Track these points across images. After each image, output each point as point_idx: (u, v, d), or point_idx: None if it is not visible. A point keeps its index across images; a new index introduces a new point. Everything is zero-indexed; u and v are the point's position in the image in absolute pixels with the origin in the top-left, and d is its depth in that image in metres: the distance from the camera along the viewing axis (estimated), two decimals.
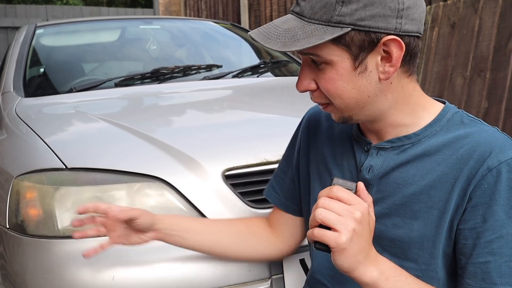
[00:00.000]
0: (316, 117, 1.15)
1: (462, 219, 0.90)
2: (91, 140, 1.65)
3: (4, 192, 1.47)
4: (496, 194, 0.86)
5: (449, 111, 0.97)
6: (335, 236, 0.81)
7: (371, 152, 0.99)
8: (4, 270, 1.45)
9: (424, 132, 0.95)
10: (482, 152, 0.89)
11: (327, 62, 0.89)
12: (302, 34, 0.87)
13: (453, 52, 3.26)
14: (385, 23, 0.86)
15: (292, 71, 2.79)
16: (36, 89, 2.37)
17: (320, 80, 0.92)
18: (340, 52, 0.88)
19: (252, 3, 5.90)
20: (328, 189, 0.85)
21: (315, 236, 0.82)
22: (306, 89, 0.94)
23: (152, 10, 8.77)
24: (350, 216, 0.82)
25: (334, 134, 1.09)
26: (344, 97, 0.92)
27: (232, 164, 1.44)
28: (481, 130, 0.93)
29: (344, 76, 0.90)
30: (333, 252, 0.83)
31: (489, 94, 2.99)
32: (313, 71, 0.93)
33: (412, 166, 0.95)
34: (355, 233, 0.82)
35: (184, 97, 2.19)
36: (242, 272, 1.32)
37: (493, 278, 0.87)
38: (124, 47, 2.97)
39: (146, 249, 1.32)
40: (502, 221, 0.86)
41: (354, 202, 0.84)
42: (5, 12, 7.64)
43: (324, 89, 0.92)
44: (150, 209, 1.37)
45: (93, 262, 1.29)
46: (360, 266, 0.84)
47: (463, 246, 0.91)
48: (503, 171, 0.86)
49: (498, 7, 3.01)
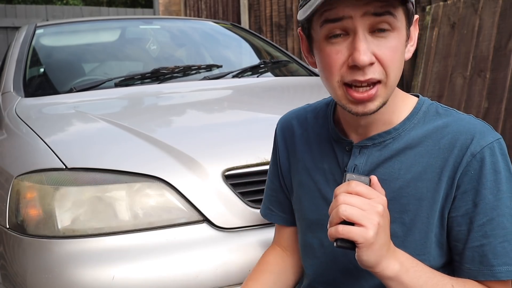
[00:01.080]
0: (288, 125, 1.13)
1: (453, 207, 0.91)
2: (91, 140, 1.65)
3: (4, 192, 1.47)
4: (483, 178, 0.89)
5: (424, 103, 0.98)
6: (362, 231, 0.80)
7: (354, 151, 0.99)
8: (4, 270, 1.45)
9: (403, 126, 0.96)
10: (464, 139, 0.90)
11: (394, 27, 0.86)
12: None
13: (453, 52, 3.26)
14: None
15: (292, 71, 2.79)
16: (36, 89, 2.37)
17: (383, 50, 0.86)
18: (403, 19, 0.89)
19: (252, 3, 5.90)
20: (346, 184, 0.84)
21: (340, 233, 0.80)
22: (371, 61, 0.85)
23: (152, 10, 8.77)
24: (373, 210, 0.81)
25: (310, 139, 1.08)
26: (399, 70, 0.90)
27: (232, 164, 1.44)
28: (458, 118, 0.94)
29: (403, 46, 0.90)
30: (359, 248, 0.81)
31: (489, 94, 2.99)
32: (371, 42, 0.86)
33: (396, 160, 0.95)
34: (379, 226, 0.81)
35: (184, 97, 2.18)
36: (242, 272, 1.32)
37: (490, 260, 0.89)
38: (124, 47, 2.97)
39: (146, 249, 1.32)
40: (491, 204, 0.88)
41: (374, 196, 0.83)
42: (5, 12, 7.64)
43: (388, 59, 0.86)
44: (150, 209, 1.37)
45: (93, 262, 1.29)
46: (384, 260, 0.84)
47: (457, 233, 0.92)
48: (486, 155, 0.89)
49: (498, 7, 3.01)
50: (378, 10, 0.84)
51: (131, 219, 1.36)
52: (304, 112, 1.13)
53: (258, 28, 5.80)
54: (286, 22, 5.31)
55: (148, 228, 1.36)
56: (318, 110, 1.10)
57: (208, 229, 1.38)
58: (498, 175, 0.89)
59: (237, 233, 1.39)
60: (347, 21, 0.85)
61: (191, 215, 1.38)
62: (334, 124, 1.04)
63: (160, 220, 1.37)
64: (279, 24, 5.43)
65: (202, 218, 1.39)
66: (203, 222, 1.39)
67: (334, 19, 0.85)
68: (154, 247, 1.33)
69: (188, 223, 1.38)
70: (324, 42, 0.88)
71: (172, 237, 1.35)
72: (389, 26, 0.85)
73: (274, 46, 3.09)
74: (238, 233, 1.39)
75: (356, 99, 0.88)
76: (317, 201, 1.05)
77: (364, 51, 0.84)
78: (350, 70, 0.87)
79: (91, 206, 1.36)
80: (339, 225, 0.81)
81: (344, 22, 0.85)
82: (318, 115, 1.09)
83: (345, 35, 0.86)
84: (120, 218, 1.35)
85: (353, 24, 0.85)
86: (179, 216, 1.38)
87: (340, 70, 0.88)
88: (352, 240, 0.80)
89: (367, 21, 0.84)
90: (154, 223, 1.36)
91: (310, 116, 1.11)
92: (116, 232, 1.34)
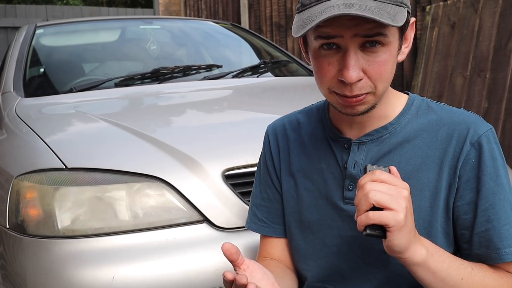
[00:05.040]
0: (281, 131, 1.13)
1: (458, 196, 0.95)
2: (91, 140, 1.65)
3: (4, 192, 1.47)
4: (482, 165, 0.93)
5: (415, 99, 1.02)
6: (393, 214, 0.81)
7: (352, 148, 1.01)
8: (4, 270, 1.45)
9: (398, 121, 0.99)
10: (460, 130, 0.95)
11: (385, 43, 0.88)
12: (392, 11, 0.86)
13: (453, 52, 3.26)
14: (409, 4, 0.91)
15: (292, 71, 2.79)
16: (36, 89, 2.37)
17: (372, 65, 0.89)
18: (395, 32, 0.90)
19: (252, 3, 5.90)
20: (371, 173, 0.84)
21: (371, 218, 0.80)
22: (359, 78, 0.88)
23: (152, 10, 8.76)
24: (400, 195, 0.82)
25: (304, 142, 1.08)
26: (389, 80, 0.93)
27: (232, 164, 1.44)
28: (451, 111, 0.99)
29: (394, 57, 0.92)
30: (391, 231, 0.81)
31: (489, 94, 2.99)
32: (361, 58, 0.88)
33: (395, 154, 0.98)
34: (407, 210, 0.83)
35: (184, 97, 2.19)
36: None
37: (496, 243, 0.92)
38: (124, 47, 2.97)
39: (146, 249, 1.32)
40: (492, 189, 0.93)
41: (398, 183, 0.84)
42: (5, 12, 7.64)
43: (377, 73, 0.89)
44: (150, 209, 1.37)
45: (93, 262, 1.29)
46: (412, 245, 0.85)
47: (464, 221, 0.95)
48: (484, 143, 0.94)
49: (498, 7, 3.01)
50: (369, 32, 0.86)
51: (131, 219, 1.36)
52: (295, 117, 1.14)
53: (258, 28, 5.80)
54: (286, 22, 5.31)
55: (148, 228, 1.36)
56: (311, 114, 1.12)
57: (208, 229, 1.38)
58: (495, 162, 0.94)
59: (237, 233, 1.39)
60: (339, 39, 0.87)
61: (191, 215, 1.38)
62: (330, 123, 1.05)
63: (160, 220, 1.37)
64: (279, 24, 5.43)
65: (202, 218, 1.39)
66: (203, 222, 1.39)
67: (326, 36, 0.88)
68: (154, 247, 1.33)
69: (188, 223, 1.38)
70: (318, 51, 0.91)
71: (172, 237, 1.35)
72: (380, 43, 0.88)
73: (274, 46, 3.09)
74: (238, 233, 1.39)
75: (345, 102, 0.92)
76: (316, 201, 1.05)
77: (353, 68, 0.87)
78: (340, 83, 0.90)
79: (91, 206, 1.36)
80: (369, 211, 0.81)
81: (336, 40, 0.88)
82: (311, 119, 1.11)
83: (338, 48, 0.89)
84: (120, 218, 1.35)
85: (344, 42, 0.88)
86: (179, 216, 1.38)
87: (330, 81, 0.92)
88: (384, 224, 0.81)
89: (358, 41, 0.87)
90: (154, 223, 1.36)
91: (302, 120, 1.12)
92: (116, 232, 1.34)
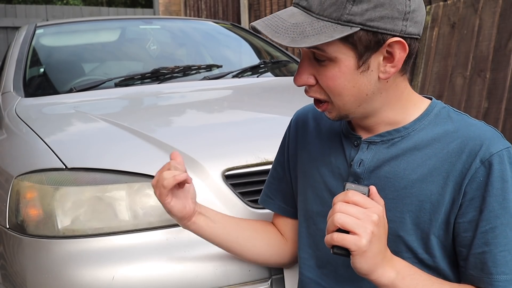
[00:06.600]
0: (303, 118, 1.16)
1: (460, 213, 0.92)
2: (91, 140, 1.65)
3: (4, 192, 1.47)
4: (489, 186, 0.89)
5: (436, 106, 0.99)
6: (355, 239, 0.82)
7: (362, 146, 1.00)
8: (4, 270, 1.45)
9: (413, 126, 0.97)
10: (473, 145, 0.91)
11: (331, 59, 0.89)
12: (311, 31, 0.86)
13: (453, 52, 3.26)
14: (392, 25, 0.87)
15: (292, 71, 2.79)
16: (36, 89, 2.37)
17: (321, 77, 0.92)
18: (346, 50, 0.88)
19: (252, 3, 5.90)
20: (344, 194, 0.86)
21: (335, 240, 0.83)
22: (305, 84, 0.94)
23: (152, 10, 8.77)
24: (368, 219, 0.83)
25: (322, 132, 1.10)
26: (344, 95, 0.92)
27: (232, 164, 1.44)
28: (469, 124, 0.95)
29: (346, 74, 0.90)
30: (353, 255, 0.83)
31: (489, 94, 2.99)
32: (314, 66, 0.93)
33: (402, 160, 0.96)
34: (373, 235, 0.83)
35: (184, 97, 2.18)
36: (242, 272, 1.32)
37: (489, 268, 0.90)
38: (124, 47, 2.97)
39: (146, 249, 1.32)
40: (496, 212, 0.89)
41: (370, 206, 0.85)
42: (5, 12, 7.65)
43: (325, 86, 0.92)
44: (150, 209, 1.37)
45: (93, 262, 1.29)
46: (379, 268, 0.85)
47: (463, 239, 0.93)
48: (495, 163, 0.89)
49: (498, 7, 3.01)
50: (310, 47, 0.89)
51: (131, 219, 1.36)
52: None
53: None
54: None
55: (148, 228, 1.35)
56: None
57: None
58: (505, 184, 0.89)
59: None
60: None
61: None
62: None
63: (160, 220, 1.36)
64: None
65: None
66: None
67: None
68: (154, 247, 1.32)
69: None
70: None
71: (172, 237, 1.35)
72: (323, 57, 0.90)
73: (274, 46, 3.09)
74: None
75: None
76: (322, 193, 1.06)
77: (299, 74, 0.93)
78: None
79: (91, 206, 1.36)
80: (334, 232, 0.83)
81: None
82: None
83: None
84: (120, 218, 1.35)
85: (303, 51, 0.94)
86: None
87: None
88: (346, 247, 0.83)
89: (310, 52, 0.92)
90: (154, 223, 1.36)
91: None
92: (116, 232, 1.34)
